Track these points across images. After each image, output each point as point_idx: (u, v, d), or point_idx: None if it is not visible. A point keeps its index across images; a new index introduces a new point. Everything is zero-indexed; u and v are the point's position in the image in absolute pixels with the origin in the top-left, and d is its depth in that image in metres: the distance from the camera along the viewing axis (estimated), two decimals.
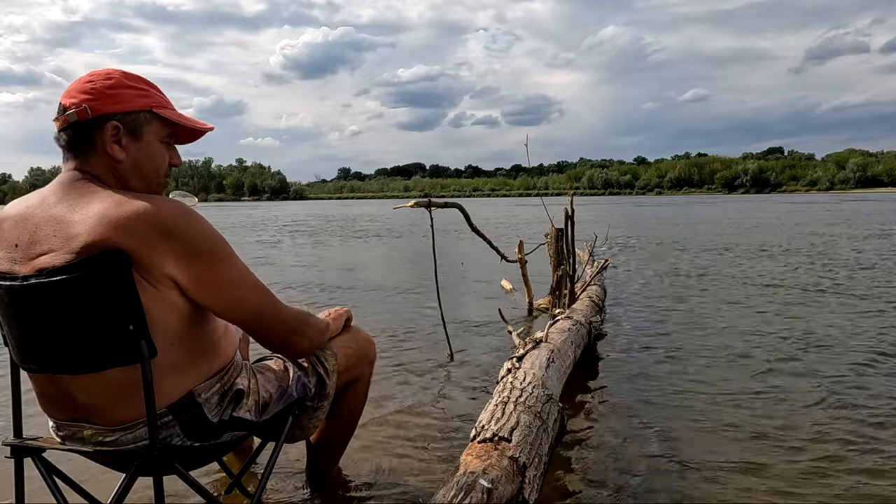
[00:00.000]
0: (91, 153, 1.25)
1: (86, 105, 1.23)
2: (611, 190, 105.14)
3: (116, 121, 1.25)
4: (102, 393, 1.23)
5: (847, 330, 4.09)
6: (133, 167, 1.28)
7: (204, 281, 1.22)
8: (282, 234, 16.66)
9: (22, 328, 1.21)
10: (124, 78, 1.29)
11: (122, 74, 1.29)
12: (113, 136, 1.25)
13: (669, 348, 3.72)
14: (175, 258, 1.17)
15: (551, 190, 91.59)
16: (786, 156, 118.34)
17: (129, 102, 1.26)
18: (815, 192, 79.79)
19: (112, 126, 1.25)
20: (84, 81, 1.26)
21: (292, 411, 1.56)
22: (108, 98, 1.25)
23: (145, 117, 1.29)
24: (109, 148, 1.25)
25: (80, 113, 1.23)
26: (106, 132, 1.24)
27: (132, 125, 1.27)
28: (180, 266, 1.19)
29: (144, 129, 1.29)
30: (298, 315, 1.46)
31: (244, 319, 1.33)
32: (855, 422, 2.49)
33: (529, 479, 1.55)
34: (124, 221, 1.14)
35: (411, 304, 5.50)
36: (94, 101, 1.24)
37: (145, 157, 1.29)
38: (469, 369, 3.37)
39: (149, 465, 1.24)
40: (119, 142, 1.26)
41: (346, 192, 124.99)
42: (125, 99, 1.26)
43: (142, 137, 1.29)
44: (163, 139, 1.33)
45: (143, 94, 1.29)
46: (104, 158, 1.25)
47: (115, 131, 1.25)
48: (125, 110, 1.26)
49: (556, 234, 4.64)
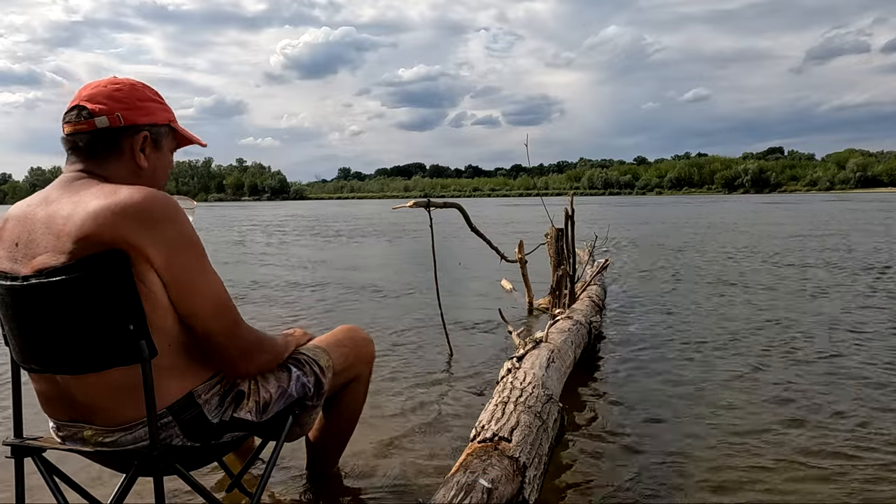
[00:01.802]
0: (114, 159, 1.30)
1: (119, 113, 1.28)
2: (611, 190, 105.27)
3: (147, 131, 1.33)
4: (102, 394, 1.23)
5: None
6: (152, 175, 1.36)
7: (175, 277, 1.22)
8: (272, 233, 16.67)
9: (22, 328, 1.21)
10: (148, 91, 1.37)
11: (145, 87, 1.37)
12: (143, 145, 1.33)
13: (670, 348, 3.72)
14: (157, 247, 1.18)
15: (551, 190, 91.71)
16: (786, 156, 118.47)
17: (155, 115, 1.35)
18: (815, 192, 79.79)
19: (143, 136, 1.32)
20: (111, 89, 1.30)
21: (293, 411, 1.56)
22: (140, 109, 1.32)
23: (166, 131, 1.39)
24: (137, 157, 1.32)
25: (112, 120, 1.28)
26: (137, 141, 1.32)
27: (156, 137, 1.36)
28: (161, 256, 1.19)
29: (164, 141, 1.39)
30: (256, 340, 1.43)
31: (200, 329, 1.28)
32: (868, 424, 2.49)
33: (529, 479, 1.55)
34: (113, 212, 1.15)
35: (411, 303, 5.50)
36: (127, 111, 1.30)
37: (162, 166, 1.39)
38: (469, 369, 3.37)
39: (149, 465, 1.24)
40: (144, 150, 1.33)
41: (346, 192, 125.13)
42: (153, 112, 1.35)
43: (162, 149, 1.38)
44: (172, 149, 1.45)
45: (165, 108, 1.39)
46: (129, 165, 1.32)
47: (144, 141, 1.33)
48: (153, 122, 1.34)
49: (556, 234, 4.64)
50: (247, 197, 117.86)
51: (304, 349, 1.68)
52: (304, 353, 1.66)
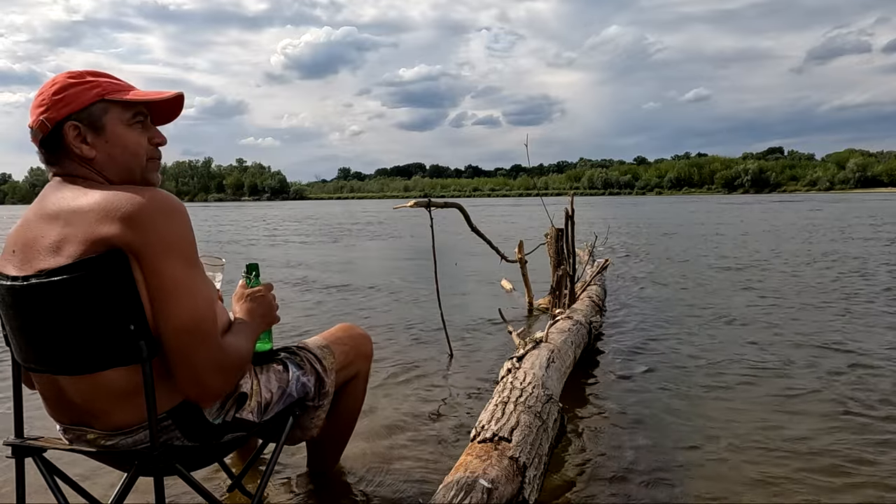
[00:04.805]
0: (65, 159, 1.27)
1: (42, 118, 1.24)
2: (611, 190, 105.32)
3: (72, 121, 1.24)
4: (101, 397, 1.23)
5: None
6: (108, 160, 1.27)
7: (159, 280, 1.17)
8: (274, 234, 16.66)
9: (23, 328, 1.21)
10: (68, 78, 1.27)
11: (67, 75, 1.28)
12: (75, 137, 1.25)
13: (670, 348, 3.72)
14: (147, 248, 1.15)
15: (551, 190, 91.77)
16: (786, 156, 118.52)
17: (78, 99, 1.24)
18: (815, 192, 79.79)
19: (70, 127, 1.24)
20: (36, 97, 1.27)
21: (293, 412, 1.56)
22: (58, 103, 1.24)
23: (100, 108, 1.26)
24: (78, 149, 1.25)
25: (41, 128, 1.25)
26: (68, 136, 1.24)
27: (89, 120, 1.25)
28: (148, 258, 1.15)
29: (104, 119, 1.26)
30: (234, 361, 1.30)
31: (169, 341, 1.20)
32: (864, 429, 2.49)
33: (529, 479, 1.55)
34: (114, 215, 1.14)
35: (411, 303, 5.50)
36: (48, 112, 1.24)
37: (116, 146, 1.27)
38: (469, 369, 3.37)
39: (149, 465, 1.24)
40: (85, 140, 1.25)
41: (346, 193, 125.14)
42: (73, 98, 1.24)
43: (104, 128, 1.26)
44: (130, 123, 1.29)
45: (89, 86, 1.26)
46: (77, 159, 1.26)
47: (75, 132, 1.24)
48: (78, 108, 1.24)
49: (556, 234, 4.64)
50: (246, 197, 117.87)
51: (309, 348, 1.68)
52: (307, 352, 1.66)
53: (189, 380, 1.23)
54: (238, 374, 1.34)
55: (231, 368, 1.29)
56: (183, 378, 1.22)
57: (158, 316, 1.18)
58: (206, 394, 1.27)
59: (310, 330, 4.40)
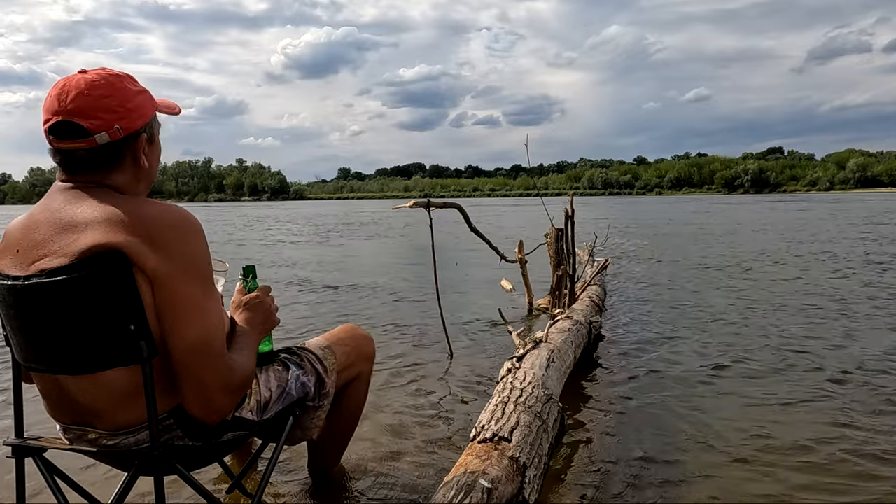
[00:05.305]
0: (116, 167, 1.23)
1: (117, 125, 1.20)
2: (611, 190, 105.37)
3: (144, 133, 1.26)
4: (102, 397, 1.23)
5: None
6: (151, 171, 1.31)
7: (174, 298, 1.16)
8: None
9: (24, 327, 1.21)
10: (129, 84, 1.25)
11: (124, 80, 1.25)
12: (143, 148, 1.27)
13: (670, 348, 3.72)
14: (171, 267, 1.15)
15: (551, 190, 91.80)
16: (786, 156, 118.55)
17: (146, 110, 1.27)
18: (815, 192, 79.79)
19: (144, 139, 1.26)
20: (97, 95, 1.19)
21: (293, 412, 1.56)
22: (133, 112, 1.23)
23: (156, 120, 1.31)
24: (140, 160, 1.26)
25: (112, 134, 1.20)
26: (139, 146, 1.25)
27: (151, 132, 1.29)
28: (167, 276, 1.15)
29: (156, 130, 1.31)
30: (240, 380, 1.27)
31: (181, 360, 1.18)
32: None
33: (529, 479, 1.55)
34: (130, 225, 1.14)
35: (410, 303, 5.50)
36: (123, 120, 1.21)
37: (156, 156, 1.33)
38: (469, 369, 3.37)
39: (150, 465, 1.24)
40: (144, 151, 1.27)
41: (346, 193, 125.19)
42: (143, 108, 1.26)
43: (155, 140, 1.31)
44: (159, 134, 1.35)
45: (148, 96, 1.29)
46: (132, 169, 1.25)
47: (144, 144, 1.26)
48: (147, 121, 1.27)
49: (556, 235, 4.64)
50: (246, 197, 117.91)
51: (310, 348, 1.68)
52: (308, 353, 1.65)
53: (196, 398, 1.22)
54: (243, 393, 1.31)
55: (238, 389, 1.28)
56: (190, 396, 1.22)
57: (169, 332, 1.17)
58: (212, 412, 1.25)
59: (310, 331, 4.41)
